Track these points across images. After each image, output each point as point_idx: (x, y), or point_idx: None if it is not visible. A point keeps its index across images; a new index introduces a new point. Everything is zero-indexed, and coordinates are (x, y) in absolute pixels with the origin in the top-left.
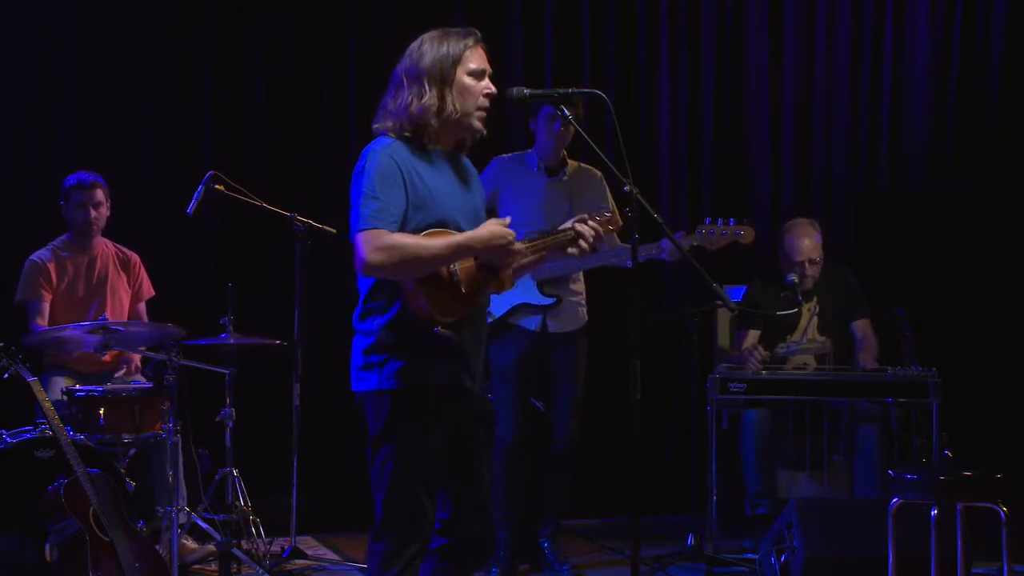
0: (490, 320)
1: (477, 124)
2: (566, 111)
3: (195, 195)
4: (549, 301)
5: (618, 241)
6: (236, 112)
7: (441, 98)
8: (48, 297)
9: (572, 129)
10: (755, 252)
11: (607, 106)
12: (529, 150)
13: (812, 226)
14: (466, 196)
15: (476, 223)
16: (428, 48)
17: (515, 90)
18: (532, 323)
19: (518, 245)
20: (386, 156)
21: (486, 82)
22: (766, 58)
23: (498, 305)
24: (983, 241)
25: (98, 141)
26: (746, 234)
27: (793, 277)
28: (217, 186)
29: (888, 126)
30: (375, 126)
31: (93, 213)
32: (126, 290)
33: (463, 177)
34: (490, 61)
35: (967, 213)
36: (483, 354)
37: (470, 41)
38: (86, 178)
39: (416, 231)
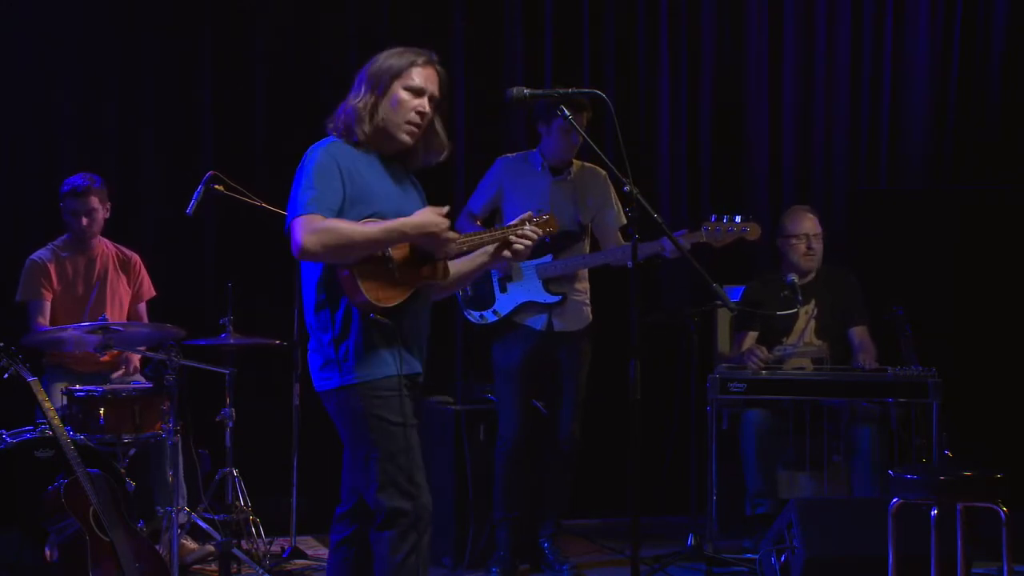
0: (495, 319)
1: (403, 137)
2: (568, 113)
3: (195, 195)
4: (555, 299)
5: (621, 240)
6: (236, 112)
7: (373, 104)
8: (49, 297)
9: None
10: (755, 252)
11: (607, 106)
12: (533, 150)
13: (809, 211)
14: (404, 200)
15: None
16: (380, 60)
17: (515, 90)
18: (538, 322)
19: (452, 234)
20: (325, 153)
21: (422, 101)
22: (766, 58)
23: (504, 304)
24: (983, 241)
25: (98, 141)
26: (752, 231)
27: (793, 277)
28: (217, 186)
29: (888, 126)
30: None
31: (85, 220)
32: (126, 290)
33: (403, 185)
34: (443, 88)
35: (967, 213)
36: (425, 343)
37: (420, 59)
38: (80, 184)
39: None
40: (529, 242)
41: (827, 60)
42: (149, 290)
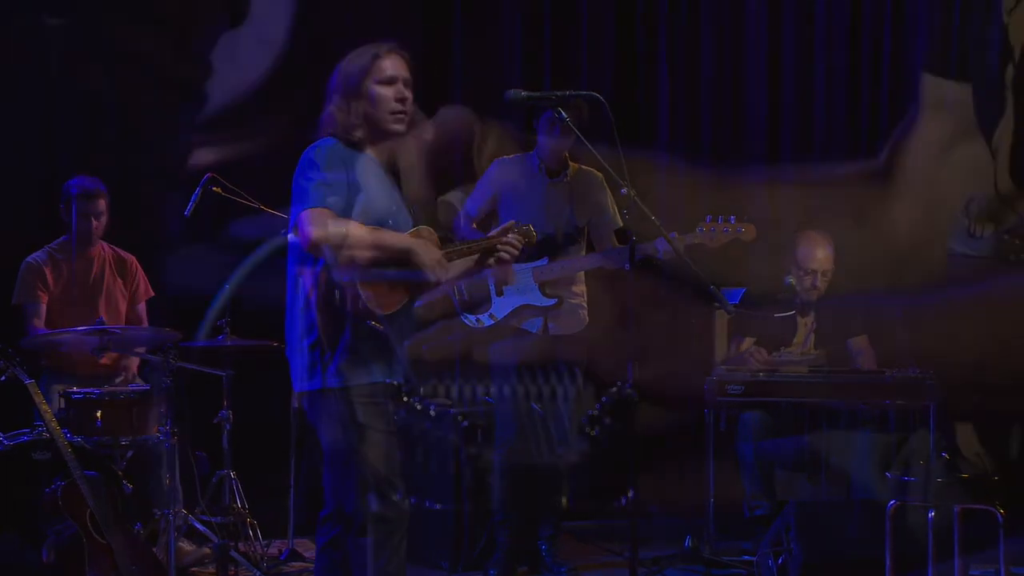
0: (491, 323)
1: (394, 127)
2: (563, 114)
3: (193, 196)
4: (551, 302)
5: (615, 243)
6: (236, 112)
7: (352, 108)
8: (44, 299)
9: (573, 133)
10: (754, 254)
11: (605, 108)
12: (530, 152)
13: (826, 238)
14: (392, 201)
15: (406, 227)
16: (343, 66)
17: (513, 92)
18: (534, 325)
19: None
20: (330, 150)
21: (397, 87)
22: (766, 58)
23: (500, 307)
24: None
25: (98, 142)
26: (747, 231)
27: (791, 279)
28: (215, 188)
29: (888, 126)
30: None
31: (95, 223)
32: (123, 293)
33: (391, 184)
34: (411, 70)
35: None
36: (404, 352)
37: (381, 51)
38: (90, 186)
39: None
40: (515, 250)
41: (827, 60)
42: (147, 291)
